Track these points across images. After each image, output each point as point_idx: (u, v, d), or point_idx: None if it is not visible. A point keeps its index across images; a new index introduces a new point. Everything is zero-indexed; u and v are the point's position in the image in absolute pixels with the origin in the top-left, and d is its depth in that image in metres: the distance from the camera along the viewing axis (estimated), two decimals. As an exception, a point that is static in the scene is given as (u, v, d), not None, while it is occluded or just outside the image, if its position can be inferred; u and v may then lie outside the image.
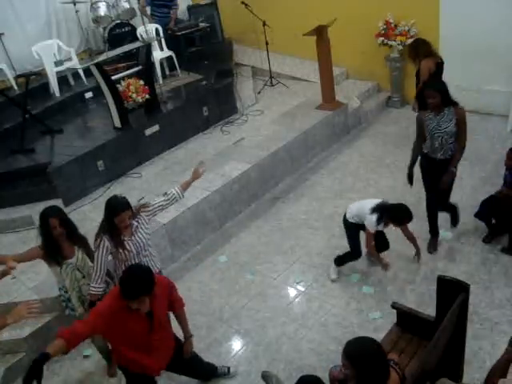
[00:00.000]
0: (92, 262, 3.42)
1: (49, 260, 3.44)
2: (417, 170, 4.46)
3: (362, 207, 4.08)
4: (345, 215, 4.24)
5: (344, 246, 4.80)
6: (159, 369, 3.12)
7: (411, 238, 4.25)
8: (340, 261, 4.44)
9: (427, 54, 5.24)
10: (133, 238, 3.31)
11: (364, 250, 4.29)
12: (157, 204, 3.54)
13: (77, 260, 3.45)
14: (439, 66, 5.31)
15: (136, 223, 3.36)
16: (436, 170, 4.23)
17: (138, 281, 2.63)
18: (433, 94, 4.00)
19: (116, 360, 3.06)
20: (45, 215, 3.37)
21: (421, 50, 5.28)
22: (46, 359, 2.49)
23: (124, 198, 3.31)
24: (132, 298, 2.62)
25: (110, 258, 3.33)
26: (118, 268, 3.43)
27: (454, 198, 5.17)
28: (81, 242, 3.52)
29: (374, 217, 3.93)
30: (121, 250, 3.27)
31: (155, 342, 2.90)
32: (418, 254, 4.33)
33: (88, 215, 5.15)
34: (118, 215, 3.17)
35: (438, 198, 4.40)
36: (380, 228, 4.01)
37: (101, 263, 3.26)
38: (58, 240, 3.37)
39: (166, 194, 3.64)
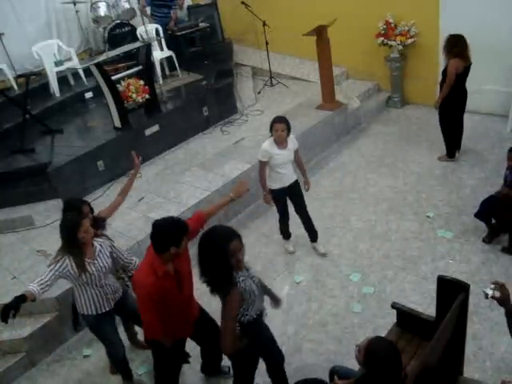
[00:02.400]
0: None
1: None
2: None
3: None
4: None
5: (344, 246, 4.81)
6: (189, 331, 3.26)
7: (299, 163, 4.57)
8: (282, 232, 4.79)
9: (458, 55, 5.15)
10: (95, 261, 3.18)
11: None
12: (120, 249, 3.42)
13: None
14: (466, 69, 5.24)
15: (99, 246, 3.24)
16: None
17: (176, 224, 2.84)
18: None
19: (148, 335, 3.07)
20: (76, 204, 3.42)
21: (455, 47, 5.14)
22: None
23: (75, 213, 3.23)
24: (181, 242, 2.85)
25: (55, 278, 3.09)
26: (80, 294, 3.28)
27: (453, 198, 5.19)
28: (102, 221, 3.59)
29: (267, 140, 4.33)
30: (83, 273, 3.12)
31: (185, 300, 3.09)
32: (306, 182, 4.65)
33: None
34: (80, 226, 3.04)
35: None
36: (275, 149, 4.27)
37: (50, 275, 3.03)
38: None
39: (130, 256, 3.50)
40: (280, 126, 4.22)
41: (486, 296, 2.42)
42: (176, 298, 2.97)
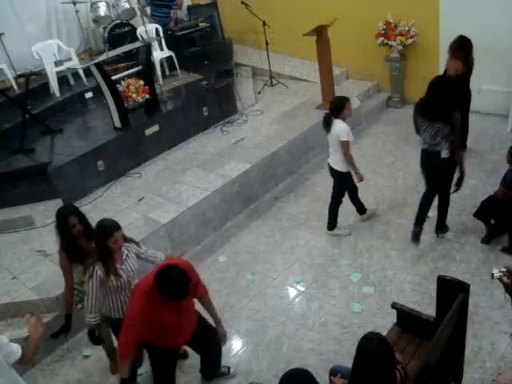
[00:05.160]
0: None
1: (71, 260, 3.41)
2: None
3: (330, 144, 4.68)
4: (333, 169, 4.80)
5: (344, 246, 4.81)
6: (183, 342, 3.30)
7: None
8: (332, 219, 4.95)
9: (461, 58, 5.10)
10: (123, 266, 3.26)
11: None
12: (145, 250, 3.48)
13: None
14: (465, 75, 5.23)
15: (126, 251, 3.31)
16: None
17: (187, 281, 2.81)
18: None
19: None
20: (63, 214, 3.39)
21: (461, 50, 5.10)
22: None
23: (112, 219, 3.27)
24: (186, 297, 2.87)
25: (98, 290, 3.22)
26: (111, 299, 3.32)
27: (453, 198, 5.18)
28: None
29: (340, 123, 4.48)
30: (112, 278, 3.20)
31: (183, 324, 3.08)
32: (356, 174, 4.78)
33: (88, 215, 5.11)
34: (112, 236, 3.11)
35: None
36: (349, 131, 4.52)
37: (95, 293, 3.18)
38: (76, 238, 3.37)
39: (155, 252, 3.58)
40: (350, 103, 4.56)
41: (492, 276, 2.47)
42: (170, 320, 2.97)
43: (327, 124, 4.56)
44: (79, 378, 3.92)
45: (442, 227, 4.66)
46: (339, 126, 4.50)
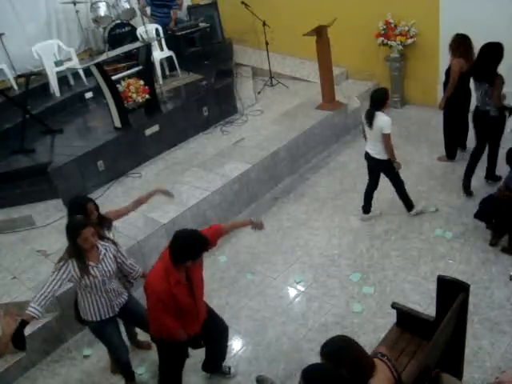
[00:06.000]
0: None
1: None
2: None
3: (373, 137, 4.62)
4: (376, 159, 4.75)
5: (344, 246, 4.81)
6: (194, 334, 3.25)
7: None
8: (407, 202, 5.01)
9: (463, 55, 5.11)
10: (99, 265, 3.18)
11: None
12: (125, 257, 3.44)
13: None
14: (469, 69, 5.20)
15: (104, 250, 3.24)
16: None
17: (199, 240, 2.89)
18: None
19: (153, 332, 3.17)
20: (81, 202, 3.39)
21: (462, 47, 5.09)
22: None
23: (82, 217, 3.22)
24: (199, 257, 2.97)
25: (60, 286, 3.09)
26: (84, 299, 3.28)
27: (453, 198, 5.19)
28: (108, 222, 3.59)
29: (382, 115, 4.48)
30: (85, 277, 3.12)
31: (195, 305, 3.10)
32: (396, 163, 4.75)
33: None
34: (80, 234, 3.03)
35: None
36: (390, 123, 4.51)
37: (52, 286, 3.03)
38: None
39: (133, 264, 3.53)
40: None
41: (510, 278, 2.51)
42: (186, 301, 3.02)
43: (370, 119, 4.55)
44: (79, 378, 3.91)
45: (492, 175, 5.20)
46: (382, 119, 4.48)
